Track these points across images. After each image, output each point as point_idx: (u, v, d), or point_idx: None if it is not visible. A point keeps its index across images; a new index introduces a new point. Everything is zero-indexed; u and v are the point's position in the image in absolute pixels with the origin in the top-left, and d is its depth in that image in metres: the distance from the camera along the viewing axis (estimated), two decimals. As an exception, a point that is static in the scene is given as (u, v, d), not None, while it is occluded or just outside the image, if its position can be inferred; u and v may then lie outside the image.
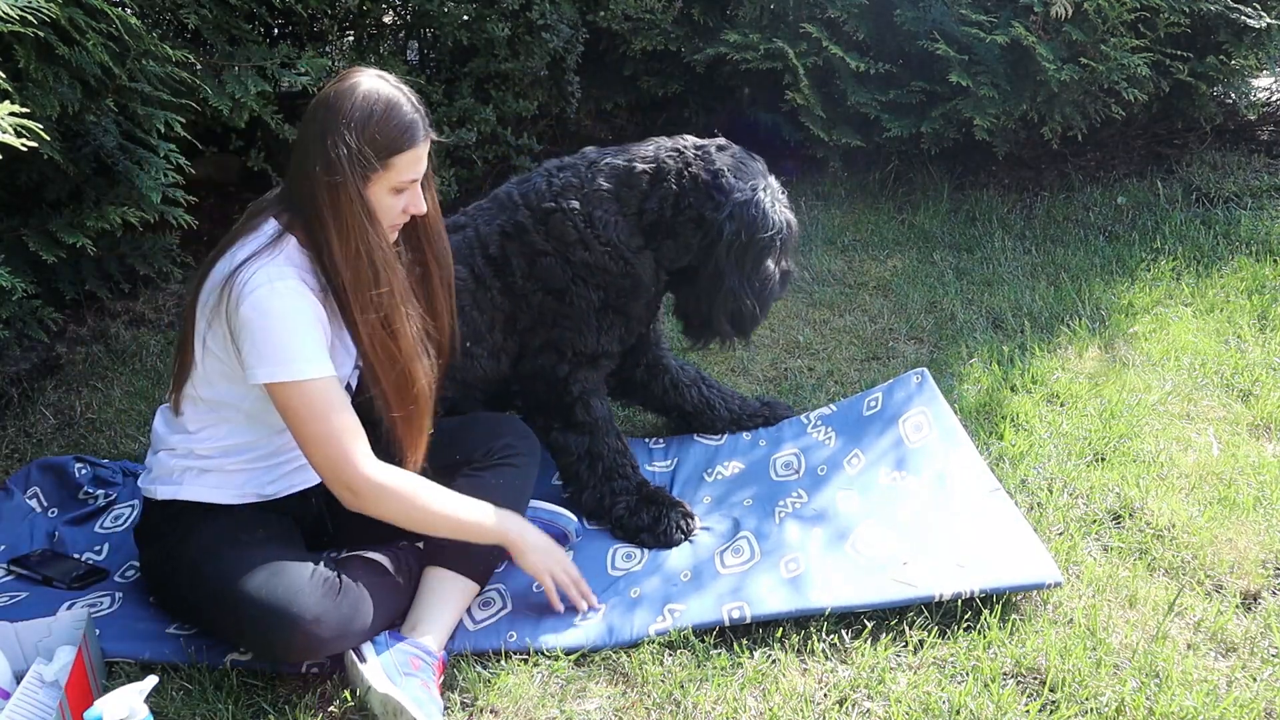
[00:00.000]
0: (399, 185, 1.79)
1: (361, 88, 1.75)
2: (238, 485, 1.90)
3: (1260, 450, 2.38)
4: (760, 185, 2.17)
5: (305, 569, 1.80)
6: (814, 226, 3.99)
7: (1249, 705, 1.68)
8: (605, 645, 1.89)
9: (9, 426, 2.72)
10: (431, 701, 1.70)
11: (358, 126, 1.72)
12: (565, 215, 2.16)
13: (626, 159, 2.21)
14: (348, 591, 1.81)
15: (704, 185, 2.15)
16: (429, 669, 1.76)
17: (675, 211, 2.16)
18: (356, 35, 3.91)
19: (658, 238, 2.19)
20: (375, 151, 1.74)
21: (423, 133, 1.80)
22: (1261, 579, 1.97)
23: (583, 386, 2.24)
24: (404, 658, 1.75)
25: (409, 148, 1.77)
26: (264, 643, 1.77)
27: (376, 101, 1.75)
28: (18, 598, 2.05)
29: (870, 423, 2.46)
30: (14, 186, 2.78)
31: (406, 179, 1.79)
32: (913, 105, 3.98)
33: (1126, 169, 4.34)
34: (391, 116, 1.76)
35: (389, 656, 1.75)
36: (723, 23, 4.23)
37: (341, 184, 1.72)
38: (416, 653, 1.77)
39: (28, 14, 2.07)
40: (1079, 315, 3.09)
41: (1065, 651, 1.79)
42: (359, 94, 1.74)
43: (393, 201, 1.80)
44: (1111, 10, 3.66)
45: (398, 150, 1.76)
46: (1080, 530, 2.12)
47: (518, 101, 3.87)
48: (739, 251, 2.13)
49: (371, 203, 1.76)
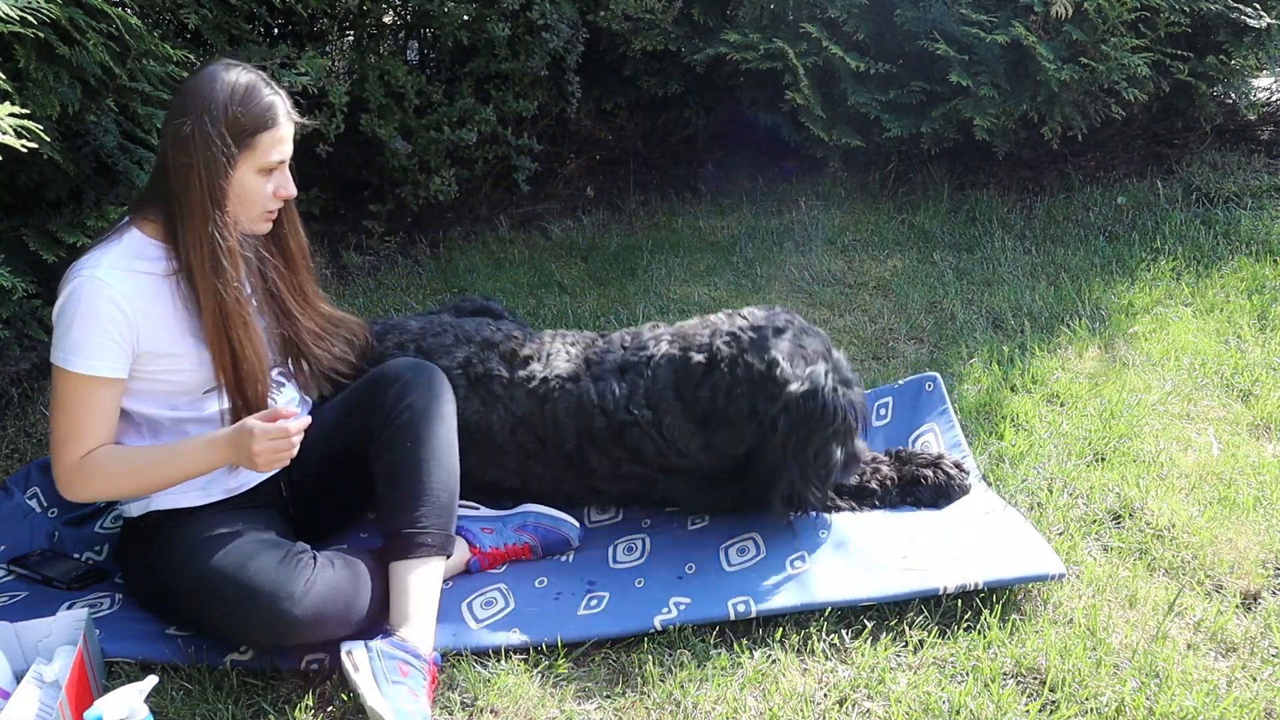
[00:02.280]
0: (265, 166, 1.84)
1: (219, 74, 1.82)
2: (201, 485, 1.92)
3: (1260, 450, 2.38)
4: (820, 371, 2.05)
5: (279, 550, 1.83)
6: (814, 226, 3.99)
7: (1249, 705, 1.68)
8: (610, 635, 1.89)
9: (9, 426, 2.72)
10: (419, 713, 1.67)
11: (219, 109, 1.78)
12: (642, 430, 2.14)
13: (683, 348, 2.16)
14: (323, 570, 1.82)
15: (758, 376, 2.05)
16: (418, 674, 1.73)
17: (728, 401, 2.08)
18: (356, 35, 3.91)
19: (712, 427, 2.12)
20: (237, 133, 1.80)
21: (284, 113, 1.86)
22: (1261, 579, 1.97)
23: None
24: (393, 664, 1.72)
25: (270, 127, 1.83)
26: (240, 624, 1.78)
27: (235, 85, 1.81)
28: (17, 597, 2.06)
29: (876, 435, 2.46)
30: (14, 186, 2.77)
31: (273, 159, 1.85)
32: (913, 105, 3.98)
33: (1126, 169, 4.34)
34: (251, 98, 1.82)
35: (378, 663, 1.72)
36: (723, 23, 4.22)
37: (189, 166, 1.77)
38: (405, 657, 1.74)
39: (28, 14, 2.07)
40: (1079, 315, 3.09)
41: (1065, 651, 1.79)
42: (218, 80, 1.80)
43: (261, 183, 1.86)
44: (1112, 10, 3.66)
45: (259, 130, 1.82)
46: (1080, 530, 2.12)
47: (518, 101, 3.87)
48: (797, 446, 2.04)
49: (238, 188, 1.82)
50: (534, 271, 3.76)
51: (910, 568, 1.96)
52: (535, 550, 2.14)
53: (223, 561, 1.80)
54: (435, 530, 1.90)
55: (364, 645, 1.76)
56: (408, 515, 1.90)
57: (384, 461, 1.95)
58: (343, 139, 3.51)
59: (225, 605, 1.77)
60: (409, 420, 1.95)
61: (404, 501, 1.91)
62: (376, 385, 2.02)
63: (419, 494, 1.91)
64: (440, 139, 3.70)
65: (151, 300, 1.82)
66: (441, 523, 1.92)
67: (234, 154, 1.79)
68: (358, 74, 3.64)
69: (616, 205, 4.41)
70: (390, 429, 1.95)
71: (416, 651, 1.77)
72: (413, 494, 1.91)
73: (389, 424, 1.95)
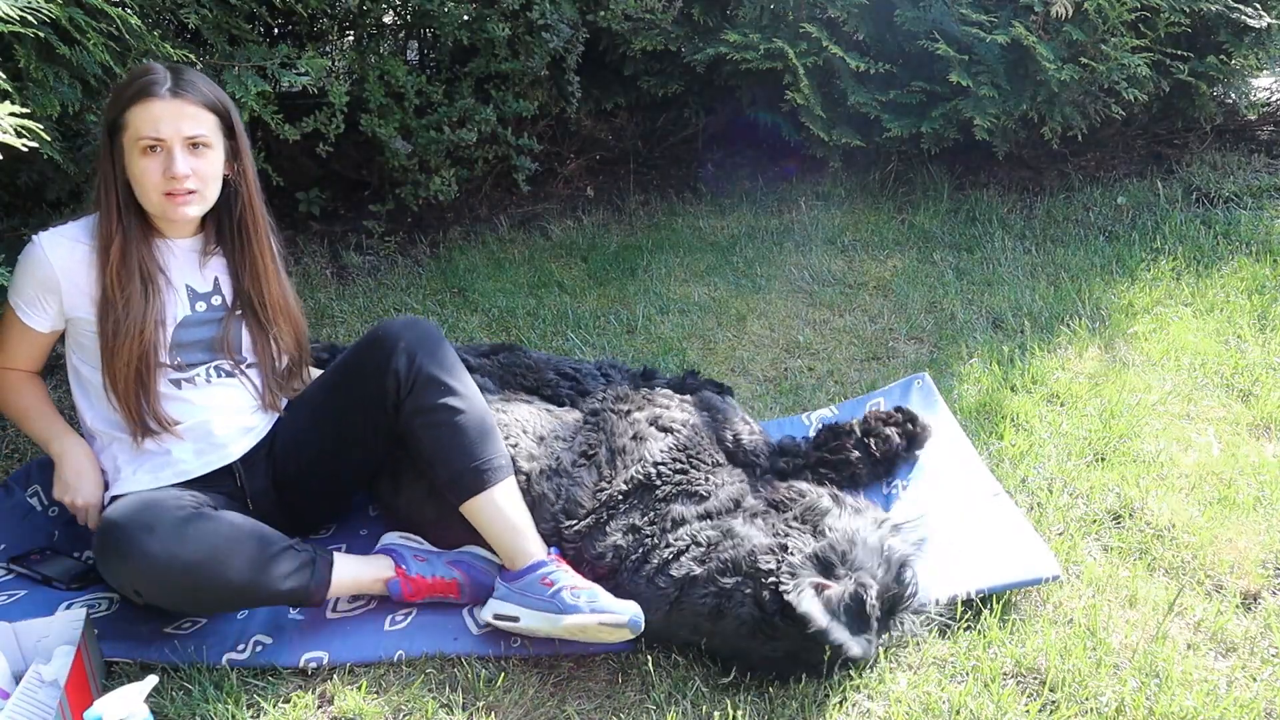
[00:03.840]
0: (144, 142, 1.88)
1: (139, 65, 1.97)
2: (150, 470, 1.99)
3: (1260, 450, 2.38)
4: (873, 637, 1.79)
5: (188, 507, 1.84)
6: (814, 226, 3.99)
7: (1249, 705, 1.67)
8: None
9: (9, 426, 2.71)
10: (595, 593, 1.81)
11: (112, 94, 1.93)
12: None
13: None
14: (215, 522, 1.82)
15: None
16: (557, 572, 1.85)
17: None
18: (356, 35, 3.91)
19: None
20: (116, 111, 1.89)
21: (162, 89, 1.88)
22: (1261, 579, 1.97)
23: None
24: (534, 584, 1.84)
25: (139, 100, 1.87)
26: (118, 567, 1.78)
27: (133, 70, 1.94)
28: (16, 596, 2.05)
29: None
30: (14, 186, 2.77)
31: (146, 134, 1.87)
32: (913, 105, 3.98)
33: (1126, 169, 4.34)
34: (132, 77, 1.92)
35: (526, 598, 1.84)
36: (723, 23, 4.22)
37: (98, 147, 1.94)
38: (535, 575, 1.85)
39: (28, 14, 2.07)
40: (1079, 315, 3.09)
41: (1065, 651, 1.79)
42: (133, 70, 1.96)
43: (147, 163, 1.90)
44: (1112, 10, 3.66)
45: (129, 105, 1.88)
46: (1080, 530, 2.12)
47: (518, 101, 3.87)
48: None
49: (129, 169, 1.91)
50: (534, 271, 3.76)
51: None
52: (463, 589, 1.99)
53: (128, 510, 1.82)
54: (496, 455, 1.98)
55: (496, 601, 1.87)
56: (466, 456, 1.95)
57: (421, 418, 1.98)
58: (343, 139, 3.51)
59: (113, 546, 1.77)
60: (426, 373, 1.99)
61: (457, 445, 1.96)
62: (376, 350, 2.03)
63: (469, 430, 1.97)
64: (440, 139, 3.70)
65: (79, 268, 1.95)
66: (500, 448, 2.01)
67: (111, 133, 1.90)
68: (358, 74, 3.64)
69: (616, 205, 4.41)
70: (416, 383, 1.99)
71: (540, 560, 1.88)
72: (465, 434, 1.97)
73: (409, 384, 1.99)
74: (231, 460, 2.05)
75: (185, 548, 1.75)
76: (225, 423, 2.06)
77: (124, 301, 1.94)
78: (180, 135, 1.89)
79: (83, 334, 2.00)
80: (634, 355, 3.00)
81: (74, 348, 2.04)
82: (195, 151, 1.92)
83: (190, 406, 2.03)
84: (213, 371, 2.07)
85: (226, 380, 2.08)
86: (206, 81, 1.97)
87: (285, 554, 1.86)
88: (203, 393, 2.05)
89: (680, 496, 2.01)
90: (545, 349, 3.10)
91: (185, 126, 1.89)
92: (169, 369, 2.01)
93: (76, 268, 1.96)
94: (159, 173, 1.90)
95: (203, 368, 2.06)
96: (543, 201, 4.45)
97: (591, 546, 1.97)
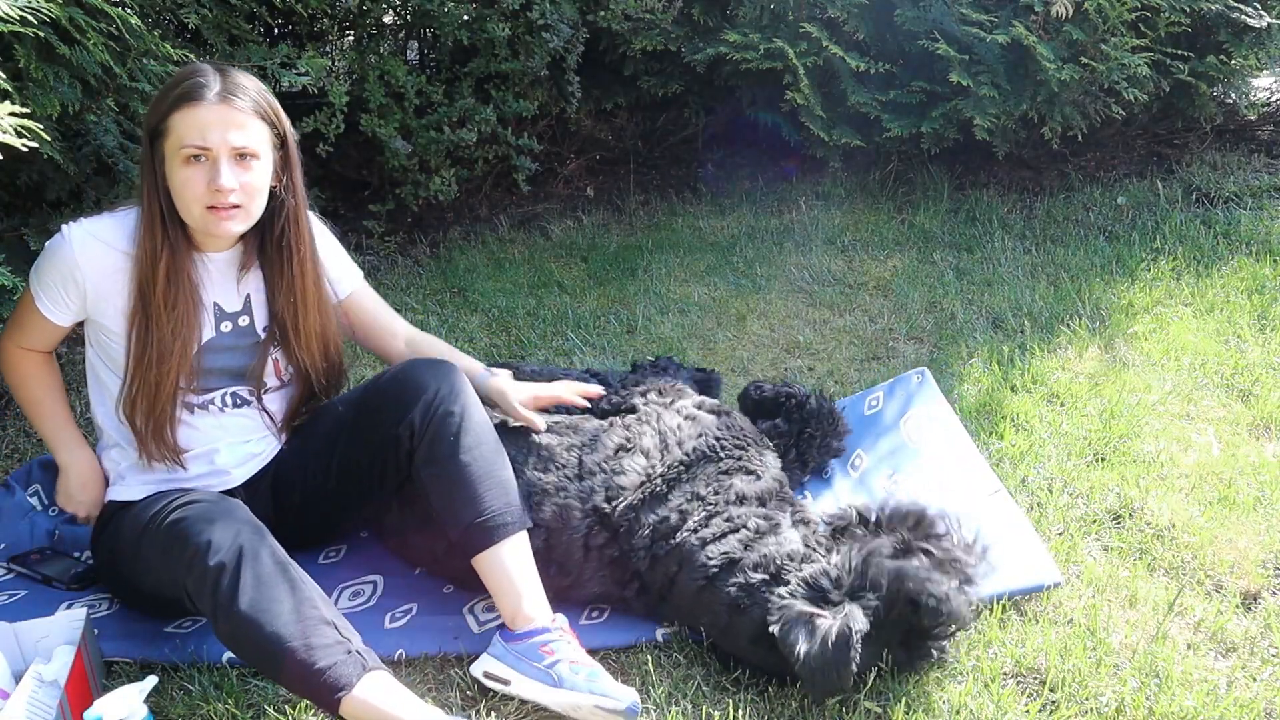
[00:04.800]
0: (187, 151, 1.75)
1: (186, 66, 1.84)
2: (148, 482, 1.94)
3: (1260, 450, 2.38)
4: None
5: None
6: (814, 226, 4.00)
7: (1249, 705, 1.67)
8: (612, 646, 1.89)
9: (9, 426, 2.72)
10: (593, 673, 1.70)
11: (155, 98, 1.80)
12: None
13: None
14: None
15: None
16: (560, 642, 1.74)
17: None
18: (356, 35, 3.91)
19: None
20: (158, 116, 1.77)
21: (210, 93, 1.75)
22: (1261, 579, 1.97)
23: None
24: (532, 650, 1.74)
25: (183, 105, 1.74)
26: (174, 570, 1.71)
27: (180, 72, 1.81)
28: (16, 596, 2.06)
29: (871, 423, 2.46)
30: (14, 186, 2.77)
31: (191, 143, 1.74)
32: (913, 105, 3.98)
33: (1126, 169, 4.34)
34: (178, 79, 1.78)
35: (524, 664, 1.73)
36: (723, 23, 4.22)
37: (142, 156, 1.81)
38: (537, 640, 1.75)
39: (28, 14, 2.07)
40: (1079, 315, 3.09)
41: (1065, 651, 1.79)
42: (180, 71, 1.82)
43: (189, 173, 1.76)
44: (1112, 10, 3.66)
45: (173, 109, 1.75)
46: (1080, 530, 2.12)
47: (518, 101, 3.87)
48: None
49: (170, 178, 1.78)
50: (534, 271, 3.76)
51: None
52: None
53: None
54: (504, 509, 1.87)
55: (490, 658, 1.77)
56: (475, 508, 1.85)
57: (431, 470, 1.89)
58: (343, 139, 3.51)
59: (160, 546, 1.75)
60: (440, 426, 1.88)
61: (468, 496, 1.86)
62: (396, 398, 1.93)
63: (477, 484, 1.87)
64: (440, 139, 3.70)
65: (110, 276, 1.84)
66: (510, 500, 1.88)
67: (157, 140, 1.78)
68: (358, 74, 3.64)
69: (616, 205, 4.41)
70: (428, 435, 1.89)
71: (543, 627, 1.77)
72: (472, 487, 1.86)
73: (425, 431, 1.89)
74: (233, 485, 2.00)
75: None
76: (231, 452, 1.99)
77: (171, 325, 1.83)
78: (228, 145, 1.75)
79: (106, 338, 1.90)
80: (634, 355, 2.99)
81: (94, 345, 1.94)
82: (242, 163, 1.78)
83: (199, 434, 1.95)
84: (229, 399, 1.98)
85: (241, 409, 2.00)
86: (258, 86, 1.83)
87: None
88: (215, 420, 1.97)
89: (740, 471, 2.02)
90: (545, 349, 3.10)
91: (234, 136, 1.75)
92: (185, 392, 1.92)
93: (108, 274, 1.84)
94: (202, 184, 1.75)
95: (218, 394, 1.96)
96: (543, 201, 4.45)
97: (650, 512, 1.95)
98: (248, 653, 1.67)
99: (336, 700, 1.59)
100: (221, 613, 1.64)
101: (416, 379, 1.93)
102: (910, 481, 2.25)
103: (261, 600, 1.63)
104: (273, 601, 1.63)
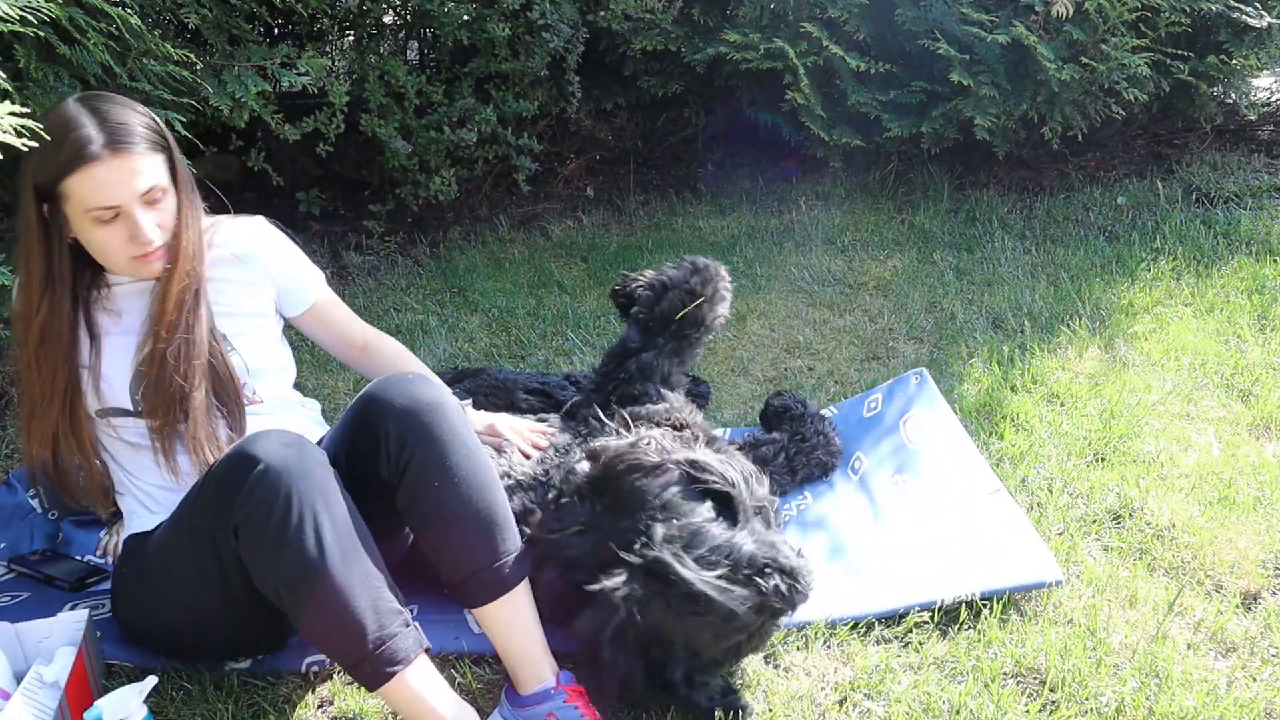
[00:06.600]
0: (95, 214, 1.63)
1: (52, 113, 1.65)
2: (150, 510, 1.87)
3: (1260, 450, 2.38)
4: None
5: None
6: (814, 226, 4.00)
7: (1249, 705, 1.68)
8: None
9: (9, 426, 2.72)
10: None
11: (36, 156, 1.63)
12: None
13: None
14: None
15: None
16: (568, 708, 1.61)
17: None
18: (356, 35, 3.91)
19: None
20: (48, 180, 1.63)
21: (96, 147, 1.60)
22: (1261, 579, 1.97)
23: None
24: (539, 717, 1.62)
25: (75, 169, 1.60)
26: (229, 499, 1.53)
27: (53, 125, 1.62)
28: (19, 597, 2.05)
29: (871, 424, 2.46)
30: (14, 187, 2.77)
31: (97, 206, 1.62)
32: (913, 105, 3.98)
33: (1126, 169, 4.34)
34: (57, 138, 1.61)
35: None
36: (723, 23, 4.22)
37: (26, 213, 1.66)
38: (542, 709, 1.62)
39: (28, 13, 2.07)
40: (1079, 315, 3.09)
41: (1065, 651, 1.79)
42: (48, 120, 1.63)
43: (106, 233, 1.65)
44: (1112, 10, 3.66)
45: (65, 173, 1.61)
46: (1080, 530, 2.12)
47: (518, 101, 3.87)
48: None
49: (83, 238, 1.67)
50: (534, 271, 3.76)
51: (908, 590, 1.93)
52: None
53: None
54: (500, 557, 1.66)
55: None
56: (464, 560, 1.66)
57: (414, 515, 1.69)
58: (343, 139, 3.51)
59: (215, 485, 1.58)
60: (421, 461, 1.65)
61: (455, 545, 1.66)
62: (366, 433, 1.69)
63: (463, 530, 1.65)
64: (440, 139, 3.70)
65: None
66: (505, 549, 1.67)
67: (45, 201, 1.64)
68: (358, 74, 3.64)
69: (616, 205, 4.41)
70: (406, 479, 1.66)
71: (546, 691, 1.63)
72: (458, 535, 1.65)
73: (401, 474, 1.66)
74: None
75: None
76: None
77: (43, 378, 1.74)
78: (135, 195, 1.64)
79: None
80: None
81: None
82: (153, 205, 1.68)
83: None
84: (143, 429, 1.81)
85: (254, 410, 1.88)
86: (134, 109, 1.69)
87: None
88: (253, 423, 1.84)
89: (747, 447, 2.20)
90: (545, 349, 3.10)
91: (139, 184, 1.64)
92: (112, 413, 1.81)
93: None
94: (123, 239, 1.66)
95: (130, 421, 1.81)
96: (543, 201, 4.45)
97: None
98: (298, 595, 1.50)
99: (389, 674, 1.47)
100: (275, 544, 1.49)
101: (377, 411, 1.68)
102: (912, 481, 2.25)
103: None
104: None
